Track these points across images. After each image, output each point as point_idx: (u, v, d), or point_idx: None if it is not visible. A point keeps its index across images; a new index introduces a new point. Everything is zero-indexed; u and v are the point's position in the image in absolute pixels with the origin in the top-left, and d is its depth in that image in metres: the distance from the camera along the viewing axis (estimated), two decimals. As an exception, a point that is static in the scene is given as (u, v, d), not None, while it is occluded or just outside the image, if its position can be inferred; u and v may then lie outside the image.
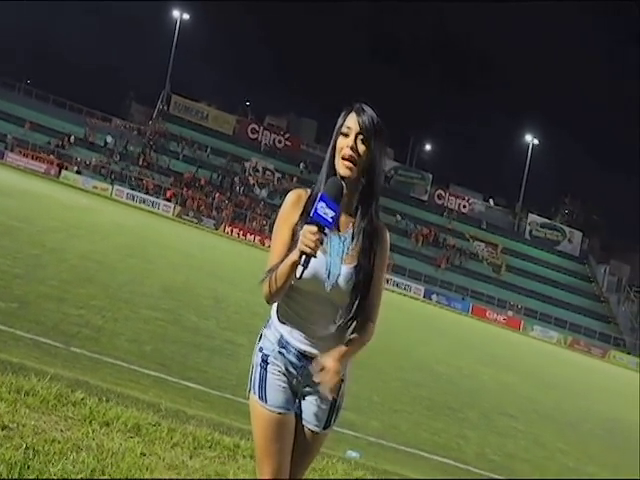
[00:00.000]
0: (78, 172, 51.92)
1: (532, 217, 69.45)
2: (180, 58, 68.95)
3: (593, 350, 52.42)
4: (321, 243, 2.31)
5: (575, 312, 59.69)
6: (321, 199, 2.33)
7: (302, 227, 2.39)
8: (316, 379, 2.37)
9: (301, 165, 60.78)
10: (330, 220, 2.32)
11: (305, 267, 2.31)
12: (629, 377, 36.75)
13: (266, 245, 42.92)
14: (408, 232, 62.42)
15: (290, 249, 2.42)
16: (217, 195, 56.38)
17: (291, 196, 2.55)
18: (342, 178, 2.43)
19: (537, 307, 57.69)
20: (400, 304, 34.27)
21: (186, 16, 65.55)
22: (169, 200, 53.49)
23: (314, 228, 2.30)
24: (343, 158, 2.43)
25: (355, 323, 2.52)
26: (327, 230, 2.33)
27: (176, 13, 65.18)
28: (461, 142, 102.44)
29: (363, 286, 2.49)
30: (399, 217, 62.96)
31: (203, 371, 6.59)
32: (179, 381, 6.03)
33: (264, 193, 58.48)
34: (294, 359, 2.50)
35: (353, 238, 2.50)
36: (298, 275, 2.32)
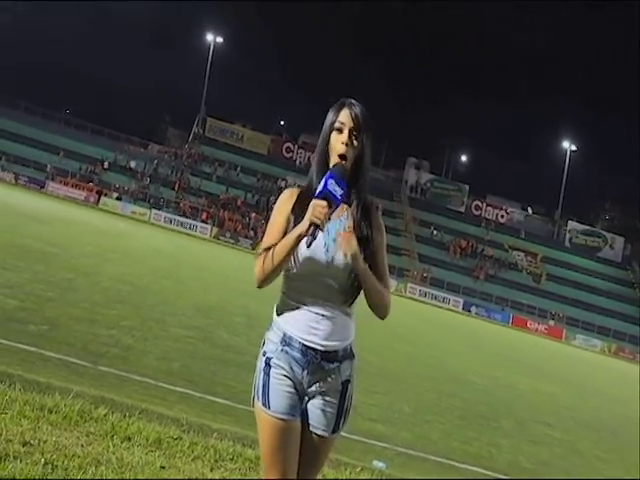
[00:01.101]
0: (118, 198, 52.74)
1: (572, 224, 68.66)
2: (215, 81, 69.66)
3: (639, 357, 51.32)
4: (328, 219, 2.35)
5: (618, 319, 58.59)
6: (330, 176, 2.37)
7: (295, 218, 2.46)
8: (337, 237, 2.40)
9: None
10: (339, 197, 2.36)
11: (314, 237, 2.33)
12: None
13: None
14: (445, 244, 62.14)
15: (284, 235, 2.45)
16: (253, 215, 56.69)
17: (285, 192, 2.62)
18: None
19: (579, 315, 56.75)
20: (438, 317, 34.05)
21: (220, 39, 66.27)
22: (206, 222, 53.98)
23: (323, 202, 2.33)
24: (338, 149, 2.48)
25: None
26: (334, 206, 2.36)
27: (210, 37, 65.89)
28: (497, 151, 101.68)
29: (366, 247, 2.48)
30: (434, 230, 62.72)
31: (231, 386, 6.60)
32: (205, 396, 6.06)
33: (300, 212, 58.52)
34: (298, 354, 2.48)
35: (348, 218, 2.51)
36: (307, 245, 2.33)
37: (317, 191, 2.39)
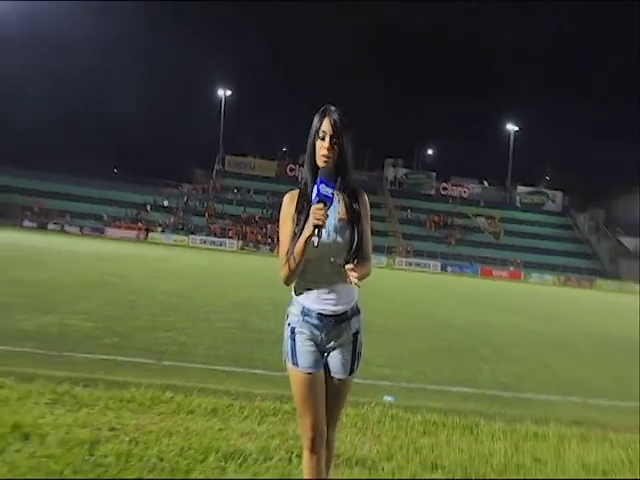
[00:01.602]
0: (162, 231, 52.91)
1: (520, 188, 68.84)
2: (228, 125, 70.55)
3: (583, 283, 51.40)
4: (327, 216, 2.36)
5: (564, 256, 58.69)
6: (321, 182, 2.38)
7: (302, 218, 2.46)
8: (348, 268, 2.36)
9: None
10: (331, 196, 2.37)
11: (320, 236, 2.35)
12: (614, 298, 35.87)
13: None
14: (422, 222, 62.20)
15: (294, 234, 2.47)
16: (269, 226, 56.85)
17: (287, 197, 2.61)
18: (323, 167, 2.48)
19: (532, 259, 56.88)
20: (423, 280, 33.99)
21: (229, 92, 67.52)
22: (232, 238, 54.12)
23: (320, 205, 2.34)
24: (322, 155, 2.47)
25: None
26: (329, 205, 2.38)
27: (220, 92, 67.28)
28: (456, 141, 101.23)
29: (355, 231, 2.49)
30: (409, 211, 62.97)
31: (266, 360, 6.62)
32: (247, 370, 6.11)
33: (305, 218, 58.91)
34: (316, 321, 2.51)
35: (339, 202, 2.52)
36: (315, 244, 2.35)
37: (313, 197, 2.39)
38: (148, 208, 56.31)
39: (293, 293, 2.60)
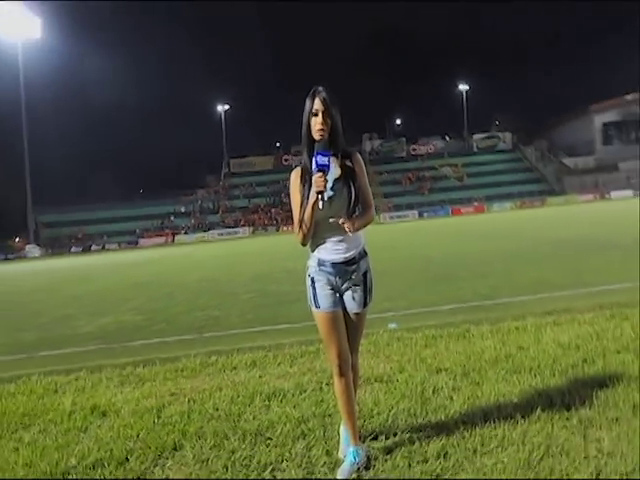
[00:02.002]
0: (185, 233, 52.89)
1: (475, 136, 68.77)
2: (230, 132, 70.47)
3: (536, 203, 51.51)
4: (327, 181, 2.36)
5: (518, 185, 58.67)
6: (317, 154, 2.37)
7: (306, 188, 2.45)
8: (341, 222, 2.37)
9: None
10: (327, 163, 2.36)
11: (324, 200, 2.36)
12: (562, 210, 35.95)
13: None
14: (398, 180, 62.01)
15: (302, 203, 2.47)
16: (273, 210, 56.83)
17: (293, 173, 2.57)
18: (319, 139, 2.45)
19: (492, 192, 56.88)
20: (403, 228, 34.00)
21: (227, 107, 67.50)
22: (244, 226, 54.05)
23: (320, 174, 2.34)
24: (317, 130, 2.44)
25: (359, 212, 2.53)
26: (327, 172, 2.37)
27: (220, 107, 67.07)
28: (418, 108, 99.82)
29: (352, 187, 2.48)
30: (387, 174, 62.80)
31: (287, 316, 6.65)
32: (273, 327, 6.13)
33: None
34: (330, 269, 2.52)
35: (335, 167, 2.50)
36: (321, 207, 2.37)
37: (313, 168, 2.38)
38: (172, 217, 56.39)
39: (309, 250, 2.60)
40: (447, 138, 70.33)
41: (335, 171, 2.47)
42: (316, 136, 2.44)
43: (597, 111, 62.33)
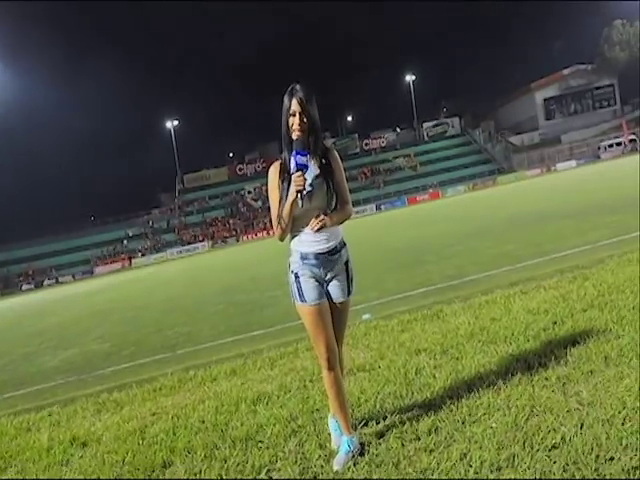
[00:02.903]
0: (142, 255, 51.76)
1: (425, 125, 69.89)
2: (181, 148, 68.85)
3: (487, 183, 53.04)
4: (305, 179, 2.42)
5: (470, 167, 60.15)
6: (296, 153, 2.43)
7: (284, 185, 2.49)
8: (315, 227, 2.45)
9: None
10: (306, 163, 2.43)
11: (302, 199, 2.41)
12: (513, 187, 37.15)
13: (271, 234, 42.86)
14: (354, 176, 62.54)
15: (281, 199, 2.51)
16: (231, 221, 56.32)
17: (271, 169, 2.61)
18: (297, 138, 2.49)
19: (445, 177, 58.14)
20: (363, 223, 34.31)
21: (175, 122, 65.57)
22: (203, 240, 53.26)
23: (299, 173, 2.40)
24: (295, 129, 2.47)
25: (337, 208, 2.58)
26: (305, 171, 2.43)
27: (169, 123, 65.46)
28: (365, 102, 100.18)
29: (330, 184, 2.52)
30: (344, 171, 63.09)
31: (260, 322, 6.57)
32: (248, 334, 6.06)
33: (259, 203, 58.55)
34: (314, 261, 2.54)
35: (314, 164, 2.54)
36: (300, 205, 2.42)
37: (292, 167, 2.43)
38: (124, 241, 55.01)
39: (291, 245, 2.60)
40: (398, 130, 71.50)
41: (314, 169, 2.51)
42: (294, 136, 2.48)
43: (537, 88, 64.80)
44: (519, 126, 65.43)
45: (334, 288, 2.59)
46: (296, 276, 2.56)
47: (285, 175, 2.51)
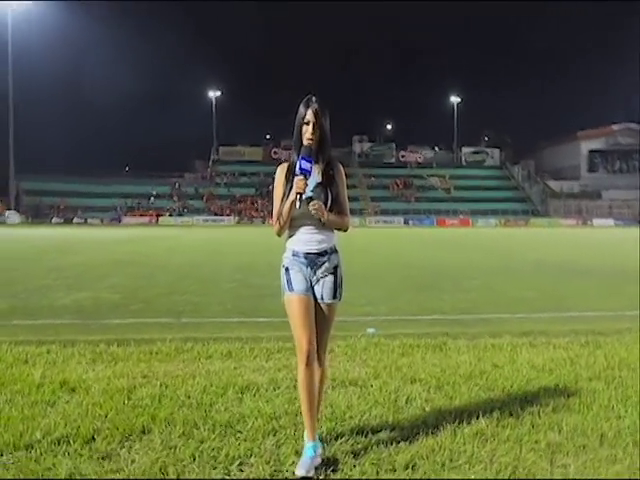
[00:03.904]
0: (170, 215, 52.40)
1: (464, 149, 69.16)
2: (220, 120, 69.80)
3: (519, 222, 52.20)
4: (307, 185, 2.52)
5: (503, 202, 59.29)
6: (302, 158, 2.53)
7: (288, 185, 2.60)
8: (311, 207, 2.49)
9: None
10: (309, 169, 2.53)
11: (301, 201, 2.50)
12: (545, 232, 36.44)
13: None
14: (386, 186, 62.05)
15: (284, 197, 2.61)
16: (260, 202, 56.55)
17: (279, 168, 2.73)
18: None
19: (478, 207, 57.37)
20: (388, 233, 34.12)
21: (218, 93, 66.48)
22: (230, 215, 53.69)
23: (301, 177, 2.51)
24: (307, 137, 2.59)
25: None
26: (308, 176, 2.53)
27: (211, 93, 66.12)
28: (408, 115, 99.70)
29: (329, 193, 2.62)
30: (375, 178, 62.85)
31: (267, 309, 6.59)
32: (252, 319, 6.09)
33: (287, 190, 59.10)
34: (304, 259, 2.64)
35: (318, 173, 2.64)
36: (298, 206, 2.51)
37: (297, 170, 2.53)
38: (153, 198, 55.80)
39: (286, 244, 2.71)
40: (436, 148, 70.88)
41: (316, 177, 2.61)
42: (305, 142, 2.60)
43: (584, 138, 63.40)
44: (560, 172, 64.13)
45: (321, 288, 2.65)
46: (287, 269, 2.66)
47: (291, 176, 2.61)
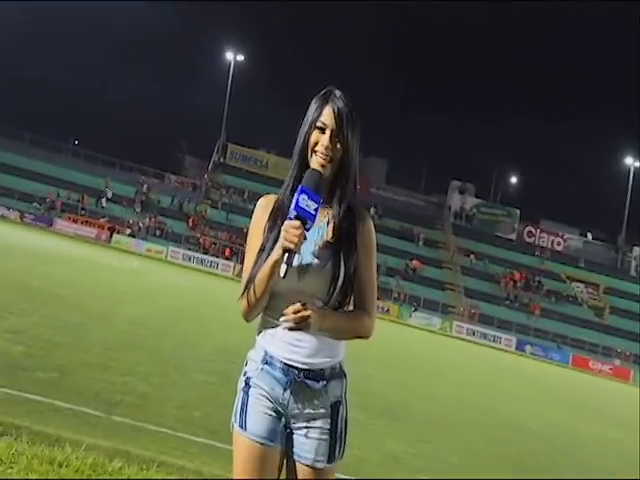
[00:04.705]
0: (131, 235, 53.15)
1: (637, 250, 67.73)
2: (236, 104, 68.90)
3: None
4: (304, 238, 2.33)
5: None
6: (302, 191, 2.35)
7: (273, 232, 2.46)
8: (288, 311, 2.35)
9: (372, 210, 55.95)
10: (313, 212, 2.34)
11: (290, 265, 2.32)
12: None
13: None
14: (495, 276, 61.34)
15: (262, 252, 2.47)
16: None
17: (260, 202, 2.64)
18: None
19: (648, 352, 55.70)
20: (488, 357, 33.71)
21: (240, 57, 65.34)
22: (228, 258, 54.07)
23: (296, 222, 2.31)
24: (317, 153, 2.48)
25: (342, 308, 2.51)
26: (309, 224, 2.34)
27: (230, 55, 64.87)
28: (550, 171, 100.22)
29: (341, 265, 2.46)
30: (477, 259, 62.01)
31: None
32: (228, 446, 6.01)
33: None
34: (280, 374, 2.47)
35: (328, 224, 2.51)
36: (282, 274, 2.32)
37: (291, 209, 2.36)
38: (105, 200, 55.84)
39: (256, 337, 2.59)
40: (589, 236, 69.94)
41: (325, 230, 2.50)
42: (314, 162, 2.49)
43: None
44: None
45: (304, 439, 2.47)
46: (247, 383, 2.53)
47: (279, 218, 2.48)
